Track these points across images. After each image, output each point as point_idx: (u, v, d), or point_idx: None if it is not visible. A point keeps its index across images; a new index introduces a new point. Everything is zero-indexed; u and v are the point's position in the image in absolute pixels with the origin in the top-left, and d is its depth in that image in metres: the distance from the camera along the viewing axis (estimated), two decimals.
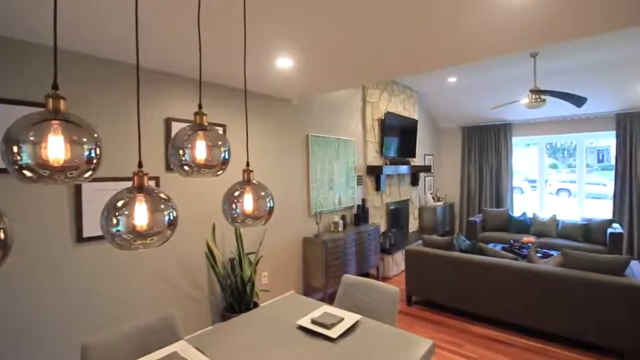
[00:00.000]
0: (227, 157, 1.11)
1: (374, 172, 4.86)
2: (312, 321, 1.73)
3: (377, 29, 1.90)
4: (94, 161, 0.81)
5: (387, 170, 4.89)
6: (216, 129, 1.13)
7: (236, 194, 1.20)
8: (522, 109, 5.81)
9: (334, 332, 1.63)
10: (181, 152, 1.03)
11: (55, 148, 0.75)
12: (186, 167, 1.05)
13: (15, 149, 0.72)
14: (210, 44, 2.06)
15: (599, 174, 6.77)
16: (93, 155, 0.80)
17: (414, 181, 6.13)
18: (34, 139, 0.73)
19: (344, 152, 4.46)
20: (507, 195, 6.55)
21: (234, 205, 1.19)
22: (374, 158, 5.01)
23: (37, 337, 2.00)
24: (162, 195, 0.95)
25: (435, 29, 1.91)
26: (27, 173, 0.73)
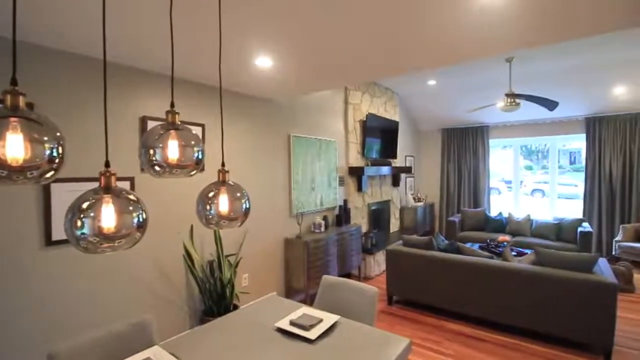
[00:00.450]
0: (200, 157, 1.09)
1: (356, 173, 4.90)
2: (291, 323, 1.72)
3: (359, 29, 1.91)
4: (56, 161, 0.77)
5: (369, 171, 4.93)
6: (189, 128, 1.11)
7: (211, 194, 1.18)
8: (499, 112, 5.99)
9: (313, 333, 1.63)
10: (152, 151, 1.00)
11: (14, 147, 0.71)
12: (157, 167, 1.02)
13: None
14: (186, 40, 2.01)
15: (571, 175, 7.06)
16: (55, 154, 0.77)
17: (395, 182, 6.21)
18: None
19: (325, 153, 4.47)
20: (484, 195, 6.74)
21: (208, 207, 1.16)
22: (355, 159, 5.04)
23: (1, 345, 1.90)
24: (131, 196, 0.92)
25: (418, 27, 1.94)
26: None
